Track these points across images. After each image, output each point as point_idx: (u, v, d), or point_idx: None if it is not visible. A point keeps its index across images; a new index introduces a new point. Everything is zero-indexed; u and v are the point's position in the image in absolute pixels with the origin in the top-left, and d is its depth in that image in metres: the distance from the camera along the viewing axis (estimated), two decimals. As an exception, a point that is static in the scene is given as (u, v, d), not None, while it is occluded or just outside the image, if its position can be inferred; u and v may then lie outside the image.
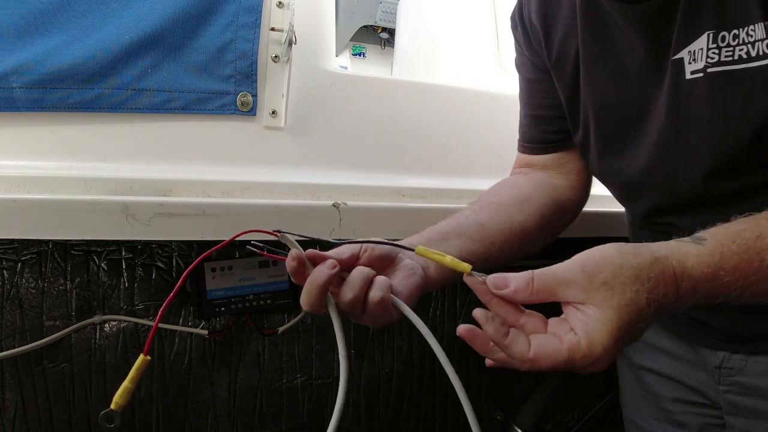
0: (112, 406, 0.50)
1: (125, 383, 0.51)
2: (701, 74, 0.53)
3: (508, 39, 1.03)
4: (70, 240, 0.78)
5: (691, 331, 0.69)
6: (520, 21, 0.74)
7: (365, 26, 2.77)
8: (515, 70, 0.79)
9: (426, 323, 0.50)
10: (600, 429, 1.12)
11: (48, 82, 0.77)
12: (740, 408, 0.65)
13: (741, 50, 0.49)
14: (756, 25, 0.48)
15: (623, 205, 0.74)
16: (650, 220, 0.68)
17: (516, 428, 1.02)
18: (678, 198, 0.61)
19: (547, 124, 0.75)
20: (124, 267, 0.81)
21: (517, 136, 0.80)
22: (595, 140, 0.67)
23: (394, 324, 0.53)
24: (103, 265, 0.80)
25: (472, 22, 1.43)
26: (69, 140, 0.78)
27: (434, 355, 0.48)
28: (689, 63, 0.53)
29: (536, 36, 0.71)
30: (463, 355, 0.97)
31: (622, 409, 0.83)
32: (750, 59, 0.49)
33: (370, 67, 2.89)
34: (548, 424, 1.08)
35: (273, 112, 0.85)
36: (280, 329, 0.87)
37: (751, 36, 0.48)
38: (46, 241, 0.78)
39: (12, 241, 0.77)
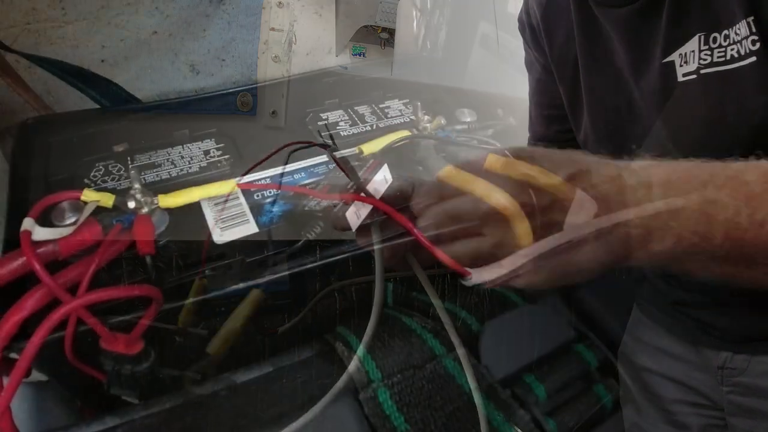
0: None
1: None
2: (694, 76, 0.52)
3: (508, 39, 1.03)
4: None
5: (694, 332, 0.68)
6: (527, 22, 0.75)
7: (365, 26, 2.76)
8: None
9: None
10: (600, 429, 1.11)
11: (47, 82, 0.77)
12: (743, 408, 0.65)
13: (732, 50, 0.49)
14: (740, 23, 0.47)
15: None
16: None
17: (516, 428, 1.02)
18: None
19: (560, 124, 0.76)
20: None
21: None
22: (592, 142, 0.68)
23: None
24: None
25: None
26: (68, 140, 0.78)
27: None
28: (680, 65, 0.53)
29: (541, 38, 0.72)
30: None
31: (623, 410, 0.83)
32: (740, 58, 0.48)
33: (370, 67, 2.89)
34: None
35: (273, 112, 0.85)
36: (280, 329, 0.87)
37: (738, 35, 0.48)
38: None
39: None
